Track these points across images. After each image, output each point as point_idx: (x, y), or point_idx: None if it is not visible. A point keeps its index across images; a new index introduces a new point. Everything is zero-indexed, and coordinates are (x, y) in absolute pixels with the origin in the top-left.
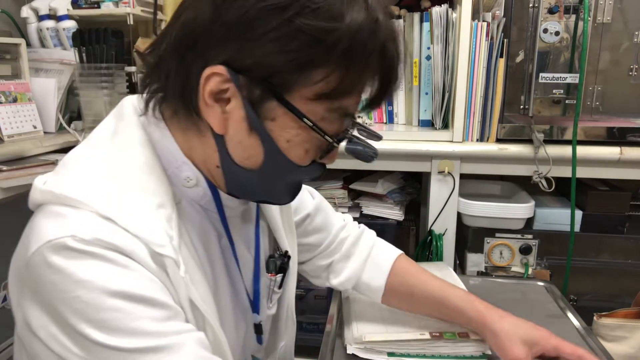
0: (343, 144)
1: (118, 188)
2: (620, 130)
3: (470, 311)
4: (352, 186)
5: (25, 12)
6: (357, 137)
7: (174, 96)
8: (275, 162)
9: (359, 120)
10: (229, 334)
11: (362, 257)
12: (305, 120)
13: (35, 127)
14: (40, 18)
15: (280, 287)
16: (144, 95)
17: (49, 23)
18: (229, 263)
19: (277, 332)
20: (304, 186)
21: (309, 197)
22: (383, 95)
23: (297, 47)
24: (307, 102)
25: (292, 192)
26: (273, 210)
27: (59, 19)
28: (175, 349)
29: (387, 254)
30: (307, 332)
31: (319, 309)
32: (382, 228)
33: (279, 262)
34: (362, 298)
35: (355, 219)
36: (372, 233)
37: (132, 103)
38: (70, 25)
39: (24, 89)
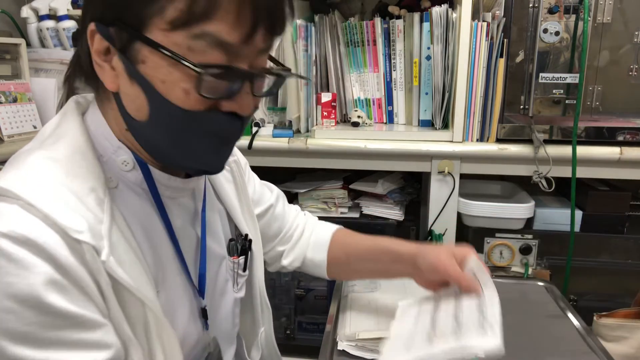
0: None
1: (47, 177)
2: (620, 130)
3: (400, 246)
4: (352, 186)
5: (25, 12)
6: (236, 67)
7: (82, 70)
8: (160, 108)
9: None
10: (182, 318)
11: (306, 238)
12: (163, 50)
13: (35, 127)
14: (40, 18)
15: (245, 270)
16: (65, 79)
17: (49, 23)
18: (175, 246)
19: (254, 317)
20: (262, 181)
21: (267, 191)
22: (258, 20)
23: None
24: (166, 33)
25: (216, 152)
26: (230, 195)
27: (59, 19)
28: None
29: (326, 230)
30: (307, 332)
31: (319, 309)
32: (382, 228)
33: (240, 245)
34: (360, 297)
35: (355, 219)
36: (314, 218)
37: (75, 100)
38: (70, 25)
39: (24, 89)
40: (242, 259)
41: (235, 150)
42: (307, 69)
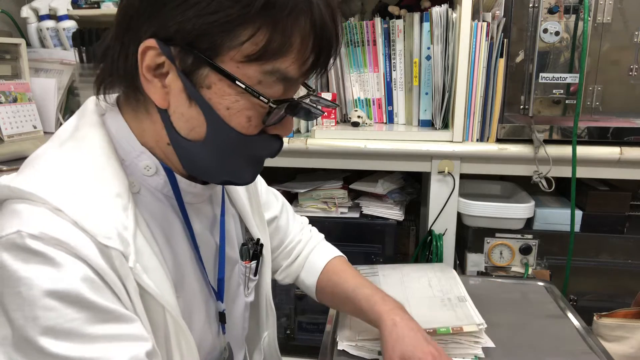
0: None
1: (73, 181)
2: (620, 130)
3: (371, 314)
4: (352, 186)
5: (25, 12)
6: (303, 102)
7: (119, 79)
8: (218, 132)
9: (312, 91)
10: (199, 322)
11: (302, 258)
12: (238, 83)
13: (35, 127)
14: (40, 18)
15: (255, 274)
16: (96, 83)
17: (49, 23)
18: (194, 251)
19: (259, 321)
20: (268, 187)
21: (273, 199)
22: (320, 58)
23: (215, 7)
24: (239, 65)
25: (252, 169)
26: (243, 199)
27: (59, 19)
28: None
29: (324, 255)
30: (307, 332)
31: (319, 309)
32: (382, 228)
33: (252, 250)
34: None
35: (355, 219)
36: (320, 236)
37: (94, 101)
38: (70, 25)
39: (24, 89)
40: (253, 264)
41: None
42: None
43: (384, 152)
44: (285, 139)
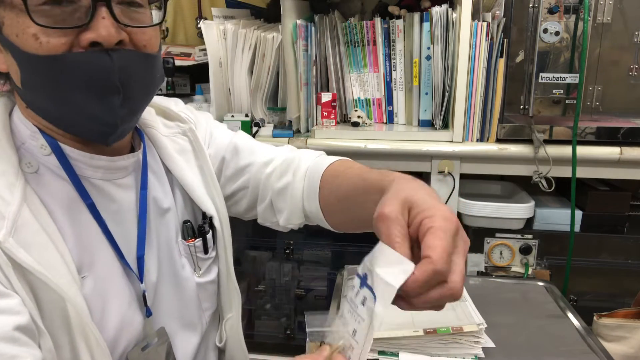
0: None
1: None
2: (620, 130)
3: (385, 177)
4: None
5: None
6: None
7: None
8: (24, 65)
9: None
10: (121, 303)
11: (297, 182)
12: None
13: None
14: None
15: (206, 252)
16: None
17: None
18: (104, 229)
19: (221, 303)
20: (222, 125)
21: (224, 138)
22: None
23: None
24: None
25: (102, 103)
26: (184, 170)
27: None
28: None
29: (318, 170)
30: None
31: (319, 309)
32: None
33: (197, 226)
34: None
35: None
36: (314, 153)
37: (8, 95)
38: None
39: None
40: (198, 242)
41: (192, 115)
42: (307, 69)
43: (384, 152)
44: (284, 139)
